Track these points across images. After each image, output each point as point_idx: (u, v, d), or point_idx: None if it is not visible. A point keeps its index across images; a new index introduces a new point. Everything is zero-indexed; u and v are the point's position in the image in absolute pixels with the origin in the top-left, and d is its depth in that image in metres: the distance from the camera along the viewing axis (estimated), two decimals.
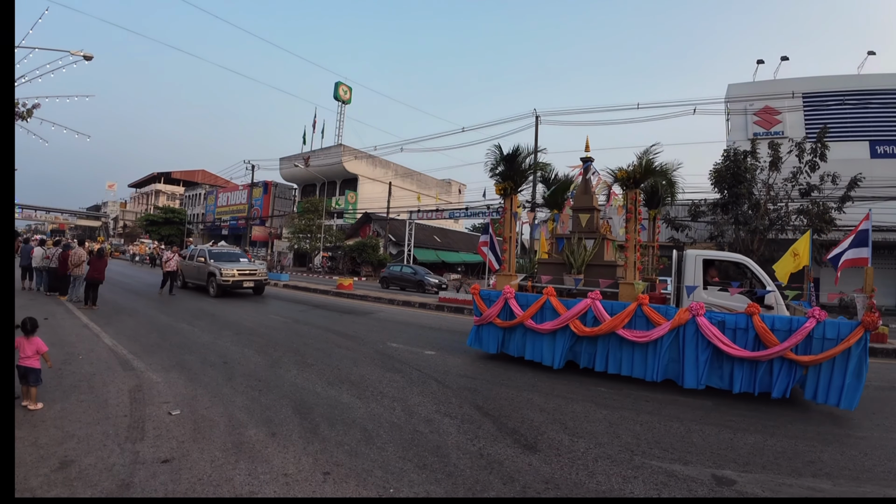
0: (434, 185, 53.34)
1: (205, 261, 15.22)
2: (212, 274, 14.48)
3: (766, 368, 5.40)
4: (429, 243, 38.47)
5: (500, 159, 7.60)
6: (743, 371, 5.46)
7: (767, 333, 5.27)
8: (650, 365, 5.87)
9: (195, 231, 59.37)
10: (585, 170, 8.39)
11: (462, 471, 3.31)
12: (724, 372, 5.61)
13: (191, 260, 16.16)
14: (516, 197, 7.78)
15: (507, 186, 7.55)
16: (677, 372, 5.78)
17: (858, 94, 24.31)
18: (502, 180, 7.61)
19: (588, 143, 8.63)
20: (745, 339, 5.46)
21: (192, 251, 16.88)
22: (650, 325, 5.90)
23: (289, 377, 5.61)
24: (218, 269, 14.27)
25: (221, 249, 16.79)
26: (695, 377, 5.61)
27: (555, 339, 6.51)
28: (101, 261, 10.98)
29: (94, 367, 5.58)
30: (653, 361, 5.85)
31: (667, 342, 5.77)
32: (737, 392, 5.45)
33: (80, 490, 2.82)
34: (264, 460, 3.33)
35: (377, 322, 10.92)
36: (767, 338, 5.27)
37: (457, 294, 15.87)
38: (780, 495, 3.19)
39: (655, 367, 5.82)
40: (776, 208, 17.99)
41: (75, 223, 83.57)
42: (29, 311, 5.26)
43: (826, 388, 5.11)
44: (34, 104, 13.15)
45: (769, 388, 5.37)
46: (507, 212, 7.81)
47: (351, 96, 47.92)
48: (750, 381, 5.44)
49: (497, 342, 7.09)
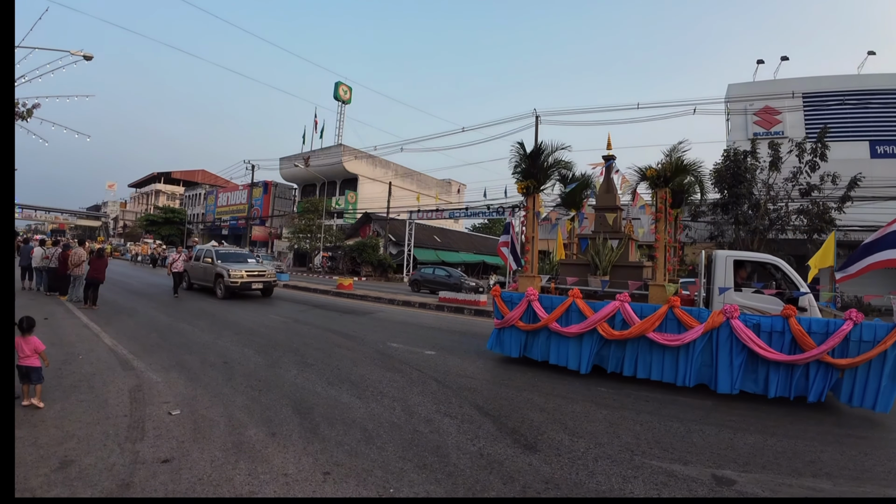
0: (434, 185, 53.35)
1: (212, 261, 14.76)
2: (219, 275, 14.04)
3: (803, 372, 5.25)
4: (429, 243, 38.46)
5: (522, 157, 7.39)
6: (779, 375, 5.30)
7: (804, 336, 5.12)
8: (682, 369, 5.67)
9: (195, 231, 59.39)
10: (607, 168, 8.18)
11: (462, 471, 3.31)
12: (759, 376, 5.43)
13: (197, 261, 15.67)
14: (539, 196, 7.53)
15: (530, 185, 7.28)
16: (710, 376, 5.60)
17: (858, 94, 24.30)
18: (524, 178, 7.35)
19: (609, 141, 8.34)
20: (782, 342, 5.29)
21: (197, 251, 16.35)
22: (682, 329, 5.71)
23: (289, 377, 5.62)
24: (226, 270, 13.82)
25: (229, 250, 16.43)
26: (729, 382, 5.43)
27: (581, 342, 6.29)
28: (100, 260, 10.99)
29: (94, 367, 5.58)
30: (684, 365, 5.65)
31: (700, 346, 5.59)
32: (772, 397, 5.30)
33: (80, 490, 2.82)
34: (264, 460, 3.33)
35: (377, 322, 10.92)
36: (804, 341, 5.12)
37: (457, 294, 15.87)
38: (780, 495, 3.19)
39: (687, 372, 5.62)
40: (776, 208, 18.00)
41: (75, 223, 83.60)
42: (29, 311, 5.26)
43: (861, 391, 4.99)
44: (34, 104, 13.16)
45: (805, 391, 5.23)
46: (529, 211, 7.54)
47: (351, 96, 47.95)
48: (786, 386, 5.29)
49: (519, 346, 6.85)
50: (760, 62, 27.34)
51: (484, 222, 63.78)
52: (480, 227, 64.43)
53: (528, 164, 7.36)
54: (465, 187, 58.25)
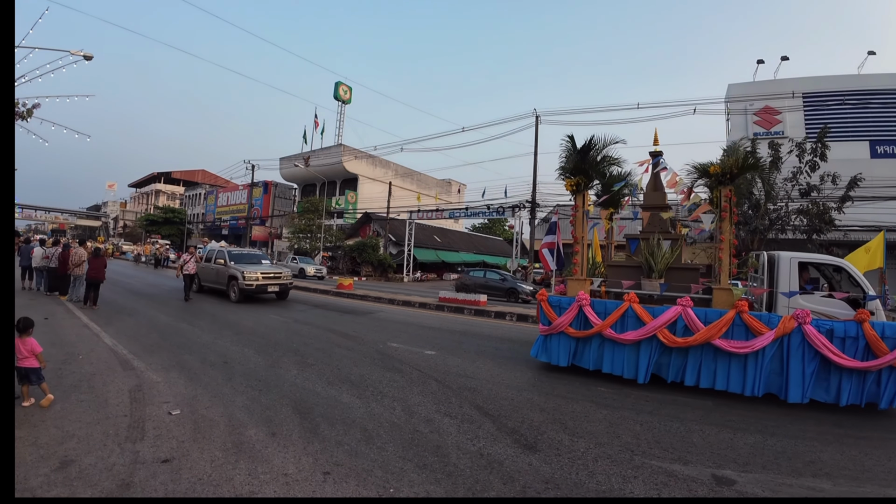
0: (434, 185, 53.35)
1: (224, 263, 14.05)
2: (233, 277, 13.30)
3: (874, 378, 5.11)
4: (429, 243, 38.48)
5: (572, 152, 6.97)
6: (851, 383, 5.14)
7: (878, 342, 4.98)
8: (749, 378, 5.41)
9: (195, 231, 59.39)
10: (654, 165, 7.75)
11: (462, 471, 3.31)
12: (831, 384, 5.24)
13: (208, 262, 14.95)
14: (587, 194, 7.17)
15: (580, 182, 6.88)
16: (780, 385, 5.37)
17: (858, 94, 24.33)
18: (572, 175, 6.90)
19: (657, 136, 7.94)
20: (855, 348, 5.11)
21: (208, 252, 15.59)
22: (750, 335, 5.41)
23: (289, 377, 5.62)
24: (240, 272, 13.05)
25: (242, 250, 15.86)
26: (800, 391, 5.23)
27: (638, 350, 5.95)
28: (98, 260, 10.99)
29: (95, 367, 5.58)
30: (753, 374, 5.39)
31: (769, 353, 5.33)
32: (843, 405, 5.16)
33: (80, 490, 2.82)
34: (264, 460, 3.33)
35: (377, 322, 10.92)
36: (878, 346, 4.98)
37: (457, 294, 15.87)
38: (780, 495, 3.19)
39: (756, 381, 5.37)
40: (776, 208, 18.00)
41: (75, 223, 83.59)
42: (29, 311, 5.28)
43: None
44: (34, 104, 13.14)
45: (877, 398, 5.11)
46: (578, 210, 7.10)
47: (351, 96, 47.95)
48: (858, 393, 5.16)
49: (568, 354, 6.48)
50: (760, 62, 27.38)
51: (484, 222, 63.78)
52: (480, 227, 64.39)
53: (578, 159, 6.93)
54: (465, 187, 58.26)
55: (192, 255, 14.11)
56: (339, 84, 46.50)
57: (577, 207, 7.11)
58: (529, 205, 26.11)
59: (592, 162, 6.96)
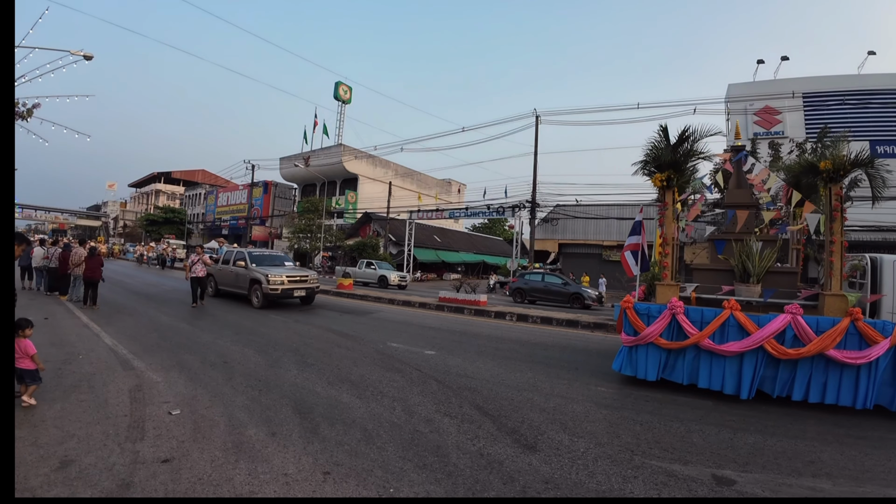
0: (434, 184, 53.36)
1: (245, 265, 12.95)
2: (256, 281, 12.22)
3: None
4: (429, 243, 38.49)
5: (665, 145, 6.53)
6: None
7: None
8: (861, 390, 5.12)
9: (195, 231, 59.38)
10: (737, 161, 7.23)
11: (462, 471, 3.31)
12: None
13: (226, 264, 13.93)
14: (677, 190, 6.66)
15: (671, 176, 6.41)
16: (891, 397, 5.14)
17: (858, 94, 24.33)
18: (660, 170, 6.44)
19: (738, 130, 7.41)
20: None
21: (226, 254, 14.59)
22: (864, 344, 5.11)
23: (289, 377, 5.61)
24: (264, 275, 11.98)
25: (263, 252, 15.11)
26: None
27: (741, 362, 5.48)
28: (94, 259, 10.96)
29: (94, 367, 5.58)
30: (865, 386, 5.11)
31: (883, 363, 5.07)
32: None
33: (80, 490, 2.82)
34: (264, 460, 3.33)
35: (377, 322, 10.92)
36: None
37: (457, 294, 15.87)
38: (780, 495, 3.19)
39: (868, 393, 5.10)
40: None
41: (75, 223, 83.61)
42: (29, 311, 5.28)
43: None
44: (34, 104, 13.16)
45: None
46: (668, 208, 6.59)
47: (351, 96, 47.95)
48: None
49: (658, 366, 5.91)
50: (760, 62, 27.38)
51: (484, 222, 63.77)
52: (480, 227, 64.40)
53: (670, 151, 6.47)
54: (466, 187, 58.28)
55: (200, 256, 12.42)
56: (339, 84, 46.51)
57: (668, 205, 6.57)
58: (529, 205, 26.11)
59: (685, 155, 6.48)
